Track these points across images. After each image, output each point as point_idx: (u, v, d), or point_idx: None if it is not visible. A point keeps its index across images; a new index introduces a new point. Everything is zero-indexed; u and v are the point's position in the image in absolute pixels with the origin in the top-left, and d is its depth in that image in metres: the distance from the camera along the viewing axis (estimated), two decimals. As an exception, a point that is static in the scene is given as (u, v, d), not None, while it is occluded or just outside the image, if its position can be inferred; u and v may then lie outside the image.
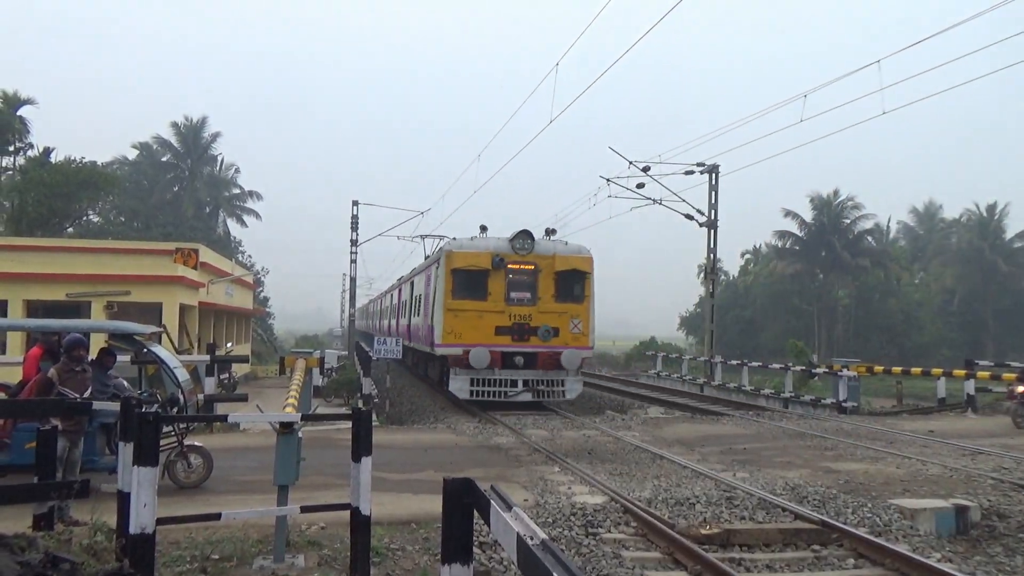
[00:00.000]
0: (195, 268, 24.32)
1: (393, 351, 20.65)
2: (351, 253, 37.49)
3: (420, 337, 19.60)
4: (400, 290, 26.66)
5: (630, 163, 27.02)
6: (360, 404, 19.00)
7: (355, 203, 36.83)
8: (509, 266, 17.30)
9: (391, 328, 28.36)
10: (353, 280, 38.68)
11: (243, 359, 21.94)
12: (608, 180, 27.78)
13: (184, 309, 23.58)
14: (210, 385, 15.30)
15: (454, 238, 18.27)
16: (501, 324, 17.02)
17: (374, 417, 19.18)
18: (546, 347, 17.40)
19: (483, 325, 17.00)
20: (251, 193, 59.58)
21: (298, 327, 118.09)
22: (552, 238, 18.21)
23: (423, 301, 19.84)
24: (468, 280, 17.16)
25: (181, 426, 9.30)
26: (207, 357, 16.24)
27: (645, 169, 27.21)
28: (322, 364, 16.44)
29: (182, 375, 9.70)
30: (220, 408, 15.00)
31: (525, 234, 17.24)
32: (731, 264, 73.26)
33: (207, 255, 26.56)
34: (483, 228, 18.42)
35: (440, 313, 17.50)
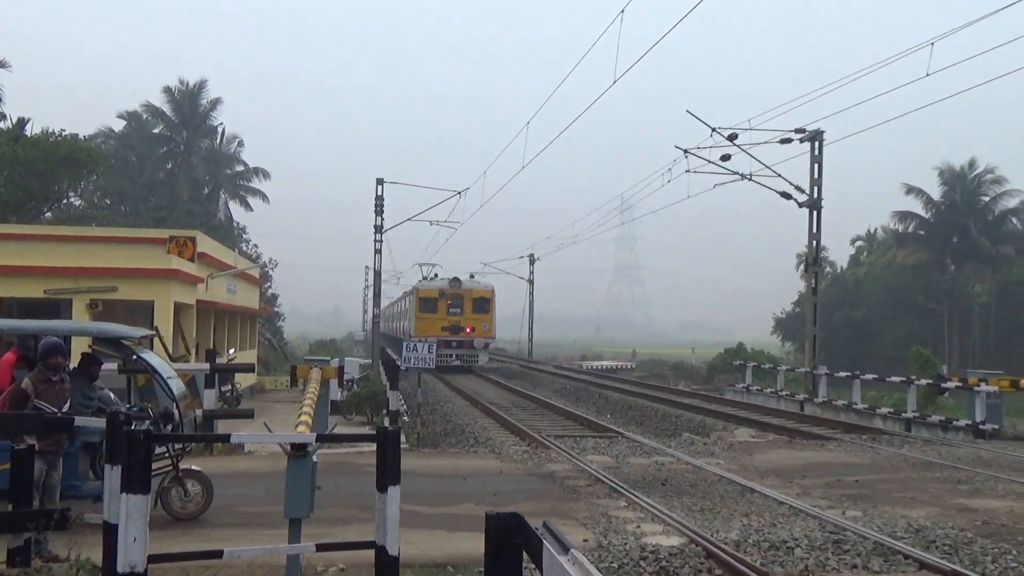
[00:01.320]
0: (192, 260, 24.76)
1: (425, 359, 21.05)
2: (375, 242, 37.71)
3: (404, 331, 45.24)
4: (399, 303, 56.12)
5: (712, 130, 26.74)
6: (386, 423, 19.17)
7: (380, 182, 37.05)
8: (448, 295, 41.87)
9: (397, 329, 54.06)
10: (378, 274, 38.81)
11: (248, 368, 22.25)
12: (686, 152, 27.52)
13: (180, 308, 24.03)
14: (210, 399, 15.58)
15: (420, 279, 45.13)
16: (444, 325, 40.65)
17: (403, 438, 19.47)
18: (467, 337, 41.44)
19: (435, 326, 40.46)
20: (257, 171, 60.55)
21: (313, 330, 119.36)
22: (472, 279, 43.64)
23: (406, 313, 46.48)
24: (427, 303, 41.59)
25: (176, 447, 9.50)
26: (206, 365, 16.49)
27: (731, 137, 26.87)
28: (341, 375, 16.62)
29: (177, 386, 9.90)
30: (221, 426, 15.29)
31: (456, 279, 42.13)
32: (839, 253, 72.03)
33: (206, 244, 26.97)
34: (435, 275, 44.50)
35: (413, 319, 42.54)
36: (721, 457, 14.99)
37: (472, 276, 46.25)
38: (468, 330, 43.57)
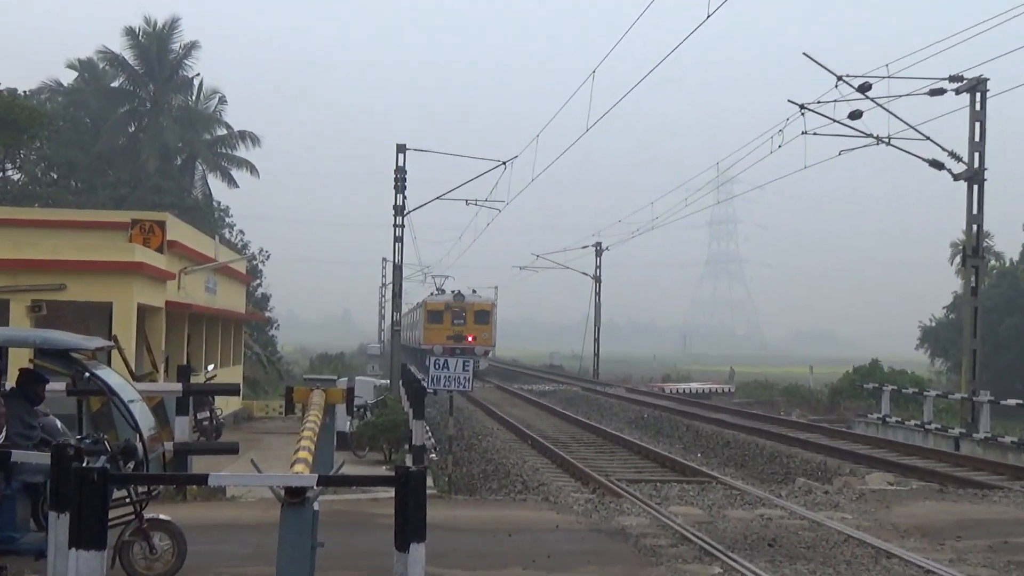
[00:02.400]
0: (160, 250, 25.06)
1: (459, 379, 20.96)
2: (395, 227, 37.77)
3: (416, 340, 70.91)
4: (412, 314, 77.00)
5: (838, 79, 26.42)
6: (409, 461, 19.39)
7: (401, 149, 37.15)
8: (452, 308, 66.84)
9: (410, 339, 72.17)
10: (398, 269, 38.94)
11: (232, 389, 22.46)
12: (802, 108, 27.20)
13: (145, 312, 24.33)
14: (183, 428, 15.74)
15: (431, 292, 73.97)
16: (449, 335, 64.35)
17: (430, 481, 19.16)
18: (469, 345, 63.26)
19: (441, 334, 64.04)
20: (243, 136, 61.12)
21: (315, 341, 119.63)
22: (475, 293, 70.12)
23: (417, 324, 73.12)
24: (434, 315, 67.04)
25: (141, 490, 9.62)
26: (179, 386, 16.67)
27: (862, 88, 26.49)
28: (351, 399, 16.54)
29: (142, 412, 10.01)
30: (198, 464, 15.41)
31: (460, 294, 67.40)
32: (1009, 241, 70.65)
33: (178, 230, 27.28)
34: (442, 289, 71.09)
35: (422, 329, 69.22)
36: (848, 510, 14.89)
37: (474, 291, 70.95)
38: (470, 339, 65.65)
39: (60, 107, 56.89)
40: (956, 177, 28.30)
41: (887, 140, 27.90)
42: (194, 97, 61.41)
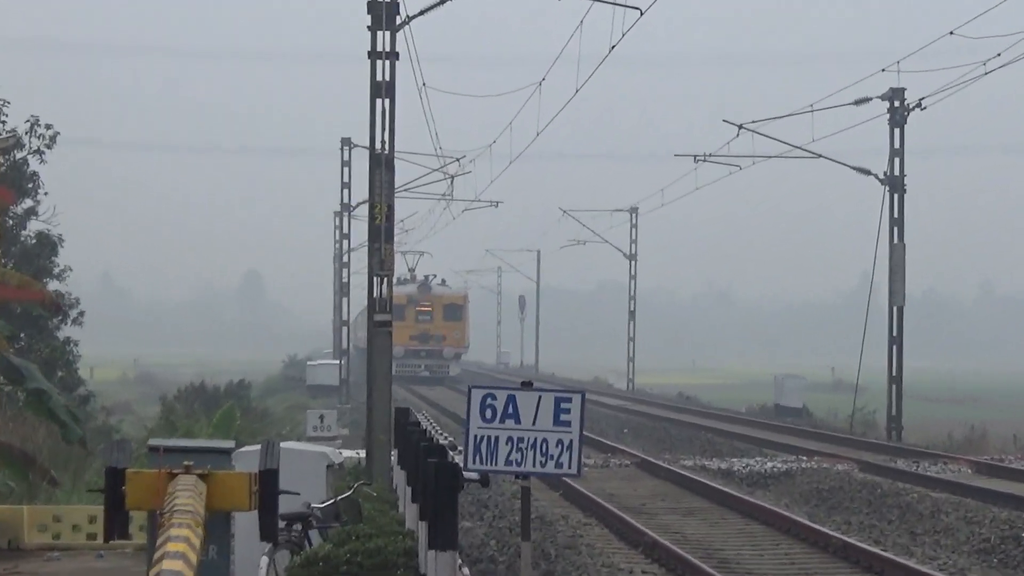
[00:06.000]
0: None
1: (548, 448, 22.02)
2: (373, 59, 36.53)
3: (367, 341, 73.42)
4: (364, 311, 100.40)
5: None
6: None
7: None
8: (417, 302, 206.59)
9: (361, 339, 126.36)
10: (382, 160, 36.76)
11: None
12: None
13: None
14: None
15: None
16: (413, 334, 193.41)
17: None
18: (437, 346, 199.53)
19: (403, 334, 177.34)
20: None
21: (172, 352, 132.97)
22: (443, 284, 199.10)
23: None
24: (395, 310, 66.07)
25: None
26: None
27: None
28: (269, 497, 15.41)
29: None
30: None
31: (426, 285, 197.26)
32: None
33: None
34: (411, 272, 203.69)
35: None
36: None
37: (444, 282, 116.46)
38: (438, 339, 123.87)
39: None
40: None
41: None
42: None
